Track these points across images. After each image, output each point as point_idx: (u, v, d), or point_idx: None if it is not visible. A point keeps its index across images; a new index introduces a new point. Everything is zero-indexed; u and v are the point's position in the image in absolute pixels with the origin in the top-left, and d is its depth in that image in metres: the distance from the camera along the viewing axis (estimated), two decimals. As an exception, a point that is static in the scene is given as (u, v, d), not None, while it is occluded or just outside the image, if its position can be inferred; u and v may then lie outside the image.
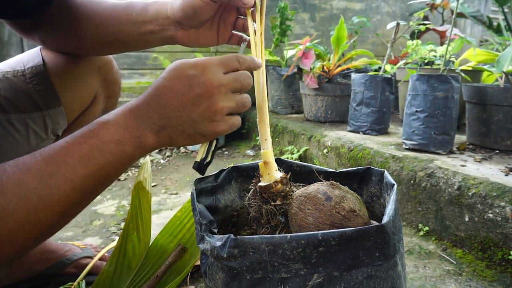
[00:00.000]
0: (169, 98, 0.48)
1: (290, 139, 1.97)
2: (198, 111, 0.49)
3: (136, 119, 0.48)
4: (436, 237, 1.14)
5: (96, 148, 0.45)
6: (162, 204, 1.48)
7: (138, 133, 0.47)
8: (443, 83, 1.31)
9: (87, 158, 0.44)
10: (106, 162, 0.45)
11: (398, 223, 0.52)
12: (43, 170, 0.42)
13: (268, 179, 0.59)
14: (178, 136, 0.49)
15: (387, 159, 1.32)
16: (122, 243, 0.80)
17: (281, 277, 0.47)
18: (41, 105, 0.72)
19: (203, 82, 0.48)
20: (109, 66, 0.81)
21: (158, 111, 0.48)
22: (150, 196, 0.82)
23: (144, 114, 0.48)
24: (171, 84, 0.49)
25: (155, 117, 0.48)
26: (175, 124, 0.48)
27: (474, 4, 3.56)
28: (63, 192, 0.43)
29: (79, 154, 0.44)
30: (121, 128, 0.47)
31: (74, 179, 0.43)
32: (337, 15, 3.09)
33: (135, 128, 0.47)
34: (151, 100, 0.49)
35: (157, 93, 0.49)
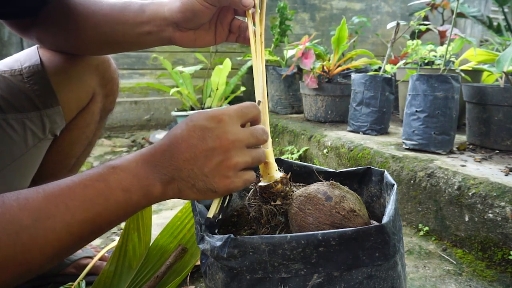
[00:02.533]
0: (182, 149, 0.46)
1: (290, 139, 1.97)
2: (211, 166, 0.46)
3: (148, 167, 0.46)
4: (436, 237, 1.14)
5: (101, 194, 0.43)
6: (162, 204, 1.48)
7: (147, 182, 0.45)
8: (443, 83, 1.31)
9: (90, 202, 0.42)
10: (109, 208, 0.43)
11: (398, 223, 0.52)
12: (42, 209, 0.40)
13: (268, 179, 0.59)
14: (187, 190, 0.47)
15: (387, 159, 1.32)
16: (122, 243, 0.80)
17: (281, 277, 0.47)
18: (39, 105, 0.71)
19: (217, 135, 0.46)
20: (106, 64, 0.81)
21: (170, 162, 0.46)
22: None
23: (157, 163, 0.46)
24: (186, 135, 0.47)
25: (166, 167, 0.46)
26: (185, 177, 0.46)
27: (474, 4, 3.56)
28: (57, 235, 0.40)
29: (83, 197, 0.42)
30: (130, 175, 0.45)
31: (72, 223, 0.41)
32: (337, 15, 3.09)
33: (145, 177, 0.45)
34: (165, 150, 0.47)
35: (171, 143, 0.47)
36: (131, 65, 2.56)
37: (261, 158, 0.51)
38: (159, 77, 2.57)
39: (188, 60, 2.71)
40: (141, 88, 2.60)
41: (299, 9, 2.99)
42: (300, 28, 3.00)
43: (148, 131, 2.61)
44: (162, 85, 2.44)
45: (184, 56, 2.70)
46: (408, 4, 3.02)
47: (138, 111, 2.61)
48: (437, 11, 2.78)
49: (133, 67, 2.57)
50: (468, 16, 2.56)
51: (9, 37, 2.30)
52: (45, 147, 0.77)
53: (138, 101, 2.61)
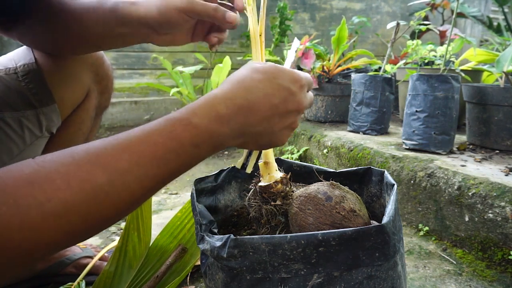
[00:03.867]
0: (262, 107, 0.46)
1: (290, 139, 1.97)
2: (281, 126, 0.48)
3: (222, 124, 0.45)
4: (436, 237, 1.14)
5: (172, 151, 0.42)
6: (162, 204, 1.48)
7: (219, 138, 0.45)
8: (443, 83, 1.31)
9: (162, 160, 0.42)
10: (178, 164, 0.43)
11: (398, 223, 0.52)
12: (113, 166, 0.39)
13: (268, 179, 0.59)
14: (250, 144, 0.49)
15: (387, 159, 1.32)
16: (123, 243, 0.80)
17: (281, 277, 0.47)
18: (35, 103, 0.71)
19: (297, 101, 0.49)
20: (100, 61, 0.81)
21: (247, 118, 0.46)
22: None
23: (231, 118, 0.45)
24: (270, 93, 0.47)
25: (242, 123, 0.46)
26: (255, 134, 0.47)
27: (474, 4, 3.56)
28: (131, 191, 0.40)
29: (154, 154, 0.41)
30: (203, 132, 0.44)
31: (144, 180, 0.41)
32: (337, 15, 3.09)
33: (218, 134, 0.45)
34: (243, 105, 0.46)
35: (250, 97, 0.46)
36: (131, 65, 2.56)
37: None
38: (159, 77, 2.57)
39: (188, 60, 2.71)
40: (141, 88, 2.60)
41: (299, 9, 2.99)
42: (300, 28, 3.00)
43: (148, 131, 2.61)
44: (162, 85, 2.44)
45: (184, 56, 2.70)
46: (408, 4, 3.02)
47: (138, 111, 2.61)
48: (437, 11, 2.78)
49: (133, 67, 2.57)
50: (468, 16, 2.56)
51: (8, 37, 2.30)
52: (42, 145, 0.77)
53: (138, 101, 2.61)
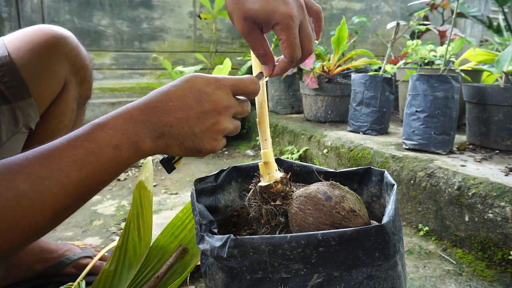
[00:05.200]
0: (176, 107, 0.47)
1: (290, 139, 1.97)
2: (202, 127, 0.48)
3: (137, 123, 0.46)
4: (436, 237, 1.14)
5: (91, 152, 0.44)
6: (162, 204, 1.48)
7: (136, 138, 0.46)
8: (443, 83, 1.31)
9: (82, 162, 0.43)
10: (100, 167, 0.44)
11: (398, 223, 0.52)
12: (36, 173, 0.41)
13: (268, 179, 0.59)
14: (175, 146, 0.49)
15: (387, 159, 1.32)
16: (123, 243, 0.80)
17: (281, 277, 0.47)
18: (9, 97, 0.70)
19: (213, 100, 0.49)
20: (75, 52, 0.80)
21: (161, 117, 0.47)
22: (151, 195, 0.83)
23: (146, 118, 0.47)
24: (182, 94, 0.48)
25: (157, 123, 0.47)
26: (175, 134, 0.48)
27: (474, 4, 3.56)
28: (55, 196, 0.41)
29: (74, 157, 0.43)
30: (119, 133, 0.45)
31: (67, 184, 0.42)
32: (337, 15, 3.09)
33: (134, 133, 0.46)
34: (156, 105, 0.47)
35: (164, 99, 0.48)
36: (131, 65, 2.56)
37: (238, 130, 0.54)
38: (159, 77, 2.57)
39: (188, 60, 2.71)
40: (141, 88, 2.60)
41: (299, 9, 2.98)
42: (300, 28, 2.99)
43: (148, 131, 2.60)
44: (162, 85, 2.44)
45: (184, 56, 2.70)
46: (408, 4, 3.02)
47: (138, 111, 2.61)
48: (437, 11, 2.78)
49: (133, 67, 2.57)
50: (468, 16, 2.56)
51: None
52: (20, 141, 0.75)
53: (138, 101, 2.61)
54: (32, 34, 0.74)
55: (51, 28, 0.76)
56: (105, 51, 2.46)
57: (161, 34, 2.59)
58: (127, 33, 2.49)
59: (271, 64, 0.57)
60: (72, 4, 2.30)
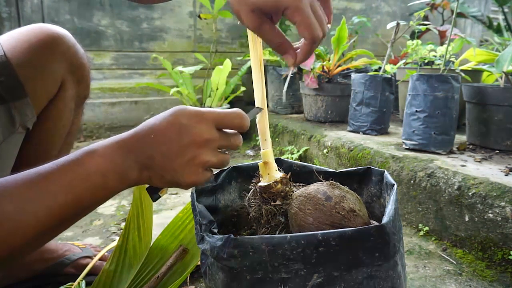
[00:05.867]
0: (158, 142, 0.48)
1: (290, 139, 1.97)
2: (181, 162, 0.48)
3: (123, 153, 0.47)
4: (436, 237, 1.14)
5: (80, 178, 0.45)
6: (162, 204, 1.48)
7: (122, 168, 0.47)
8: (443, 83, 1.31)
9: (70, 186, 0.44)
10: (87, 192, 0.45)
11: (398, 223, 0.52)
12: (23, 195, 0.41)
13: (268, 179, 0.59)
14: (157, 179, 0.50)
15: (387, 159, 1.32)
16: (123, 242, 0.80)
17: (281, 277, 0.47)
18: (5, 97, 0.69)
19: (193, 133, 0.48)
20: (72, 51, 0.79)
21: (145, 151, 0.48)
22: (151, 196, 0.82)
23: (132, 150, 0.48)
24: (164, 128, 0.49)
25: (141, 156, 0.48)
26: (157, 168, 0.48)
27: (474, 4, 3.56)
28: (39, 218, 0.42)
29: (62, 181, 0.44)
30: (107, 160, 0.46)
31: (53, 206, 0.43)
32: (337, 15, 3.09)
33: (120, 163, 0.47)
34: (141, 138, 0.48)
35: (149, 133, 0.49)
36: (131, 65, 2.56)
37: (225, 163, 0.53)
38: (159, 77, 2.57)
39: (188, 60, 2.71)
40: (141, 88, 2.60)
41: (299, 9, 2.98)
42: (300, 28, 2.99)
43: (148, 131, 2.61)
44: (162, 85, 2.44)
45: (184, 56, 2.70)
46: (408, 4, 3.02)
47: (138, 111, 2.61)
48: (437, 11, 2.78)
49: (133, 67, 2.57)
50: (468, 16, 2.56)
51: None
52: (17, 141, 0.75)
53: (138, 101, 2.61)
54: (28, 33, 0.73)
55: (47, 27, 0.75)
56: (105, 51, 2.46)
57: (161, 34, 2.59)
58: (127, 33, 2.49)
59: (292, 52, 0.53)
60: (72, 4, 2.30)
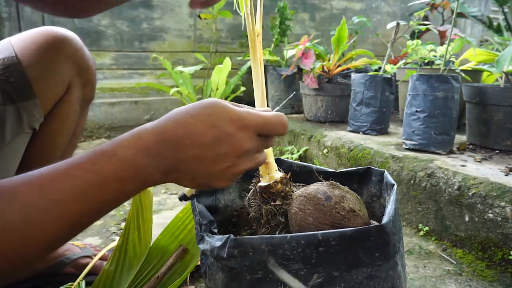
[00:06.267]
0: (192, 144, 0.44)
1: (290, 139, 1.97)
2: (218, 168, 0.45)
3: (149, 157, 0.43)
4: (436, 237, 1.14)
5: (95, 185, 0.40)
6: (162, 204, 1.48)
7: (146, 172, 0.43)
8: (443, 83, 1.31)
9: (83, 195, 0.40)
10: (102, 199, 0.41)
11: (398, 223, 0.52)
12: (30, 204, 0.38)
13: (268, 179, 0.59)
14: (186, 181, 0.47)
15: (387, 159, 1.32)
16: (123, 243, 0.80)
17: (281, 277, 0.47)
18: (15, 97, 0.70)
19: (234, 143, 0.45)
20: (80, 53, 0.80)
21: (175, 153, 0.44)
22: (151, 196, 0.83)
23: (159, 152, 0.43)
24: (201, 131, 0.44)
25: (170, 158, 0.44)
26: (189, 171, 0.45)
27: (474, 4, 3.56)
28: (50, 229, 0.39)
29: (74, 189, 0.40)
30: (128, 166, 0.42)
31: (64, 216, 0.39)
32: (337, 15, 3.09)
33: (144, 167, 0.43)
34: (172, 139, 0.44)
35: (181, 133, 0.44)
36: (131, 65, 2.56)
37: (262, 163, 0.51)
38: (159, 77, 2.57)
39: (188, 60, 2.71)
40: (141, 88, 2.59)
41: (299, 9, 2.98)
42: (300, 28, 3.00)
43: (148, 131, 2.61)
44: (162, 85, 2.44)
45: (184, 56, 2.70)
46: (408, 4, 3.02)
47: (138, 111, 2.61)
48: (437, 11, 2.78)
49: (133, 67, 2.57)
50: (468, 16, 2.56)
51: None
52: (24, 142, 0.76)
53: (138, 101, 2.61)
54: (37, 35, 0.74)
55: (56, 29, 0.76)
56: (105, 51, 2.46)
57: (161, 34, 2.59)
58: (127, 33, 2.49)
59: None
60: (72, 4, 2.30)
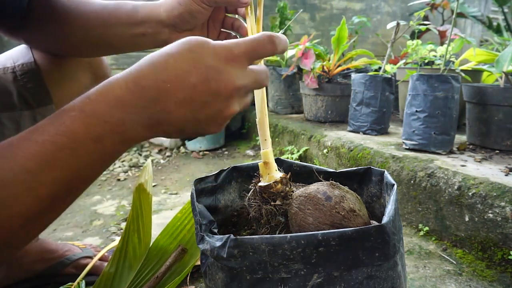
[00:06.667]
0: (175, 88, 0.38)
1: (290, 139, 1.97)
2: (207, 113, 0.40)
3: (124, 109, 0.37)
4: (436, 237, 1.14)
5: (66, 148, 0.35)
6: (162, 204, 1.48)
7: (123, 128, 0.37)
8: (443, 83, 1.31)
9: (54, 161, 0.35)
10: (80, 164, 0.36)
11: (398, 223, 0.52)
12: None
13: (268, 179, 0.59)
14: (173, 133, 0.41)
15: (387, 159, 1.32)
16: (123, 245, 0.80)
17: (281, 277, 0.47)
18: (32, 103, 0.70)
19: (223, 80, 0.39)
20: (98, 62, 0.81)
21: (157, 102, 0.38)
22: (151, 198, 0.83)
23: (136, 102, 0.37)
24: (184, 71, 0.38)
25: (151, 109, 0.38)
26: (174, 121, 0.39)
27: (474, 4, 3.56)
28: (23, 203, 0.34)
29: (42, 156, 0.34)
30: (101, 121, 0.36)
31: (37, 187, 0.34)
32: (337, 15, 3.09)
33: (121, 122, 0.37)
34: (150, 85, 0.38)
35: (160, 77, 0.38)
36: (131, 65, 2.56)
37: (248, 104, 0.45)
38: (159, 77, 2.57)
39: (188, 60, 2.71)
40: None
41: (299, 9, 2.99)
42: (300, 28, 3.00)
43: (148, 131, 2.61)
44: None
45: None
46: (408, 4, 3.02)
47: (138, 111, 2.62)
48: (437, 11, 2.78)
49: (133, 67, 2.57)
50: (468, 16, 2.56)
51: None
52: None
53: (138, 101, 2.61)
54: None
55: None
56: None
57: (161, 34, 2.59)
58: (127, 33, 2.49)
59: None
60: (72, 4, 2.30)
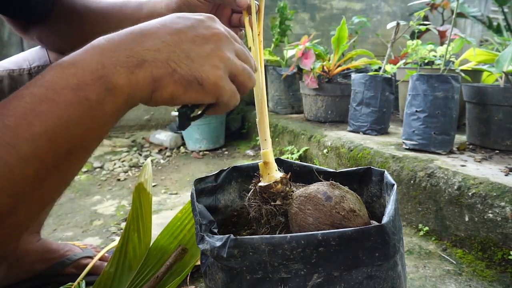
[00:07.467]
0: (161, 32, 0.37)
1: (290, 139, 1.97)
2: (199, 51, 0.38)
3: (102, 52, 0.35)
4: (436, 237, 1.14)
5: (44, 99, 0.32)
6: (162, 204, 1.48)
7: (103, 72, 0.34)
8: (443, 83, 1.31)
9: (33, 114, 0.31)
10: (62, 116, 0.32)
11: (398, 223, 0.52)
12: None
13: (268, 179, 0.59)
14: (166, 77, 0.37)
15: (387, 159, 1.32)
16: (123, 244, 0.80)
17: (281, 277, 0.47)
18: None
19: (209, 26, 0.41)
20: None
21: (142, 43, 0.36)
22: (151, 197, 0.83)
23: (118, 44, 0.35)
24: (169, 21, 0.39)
25: (133, 48, 0.35)
26: (163, 59, 0.36)
27: (474, 4, 3.56)
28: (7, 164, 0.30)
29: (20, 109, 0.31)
30: (79, 69, 0.34)
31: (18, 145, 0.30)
32: (337, 15, 3.09)
33: (100, 65, 0.34)
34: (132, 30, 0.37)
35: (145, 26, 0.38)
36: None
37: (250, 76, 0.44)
38: (159, 77, 2.56)
39: (188, 60, 2.71)
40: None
41: (299, 9, 2.98)
42: (300, 28, 3.00)
43: (148, 131, 2.61)
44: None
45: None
46: (408, 4, 3.02)
47: (138, 111, 2.61)
48: (437, 11, 2.78)
49: (133, 67, 2.57)
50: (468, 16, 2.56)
51: (9, 37, 2.30)
52: None
53: (138, 101, 2.61)
54: None
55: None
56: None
57: (161, 34, 2.58)
58: (127, 33, 2.49)
59: None
60: (72, 4, 2.30)
